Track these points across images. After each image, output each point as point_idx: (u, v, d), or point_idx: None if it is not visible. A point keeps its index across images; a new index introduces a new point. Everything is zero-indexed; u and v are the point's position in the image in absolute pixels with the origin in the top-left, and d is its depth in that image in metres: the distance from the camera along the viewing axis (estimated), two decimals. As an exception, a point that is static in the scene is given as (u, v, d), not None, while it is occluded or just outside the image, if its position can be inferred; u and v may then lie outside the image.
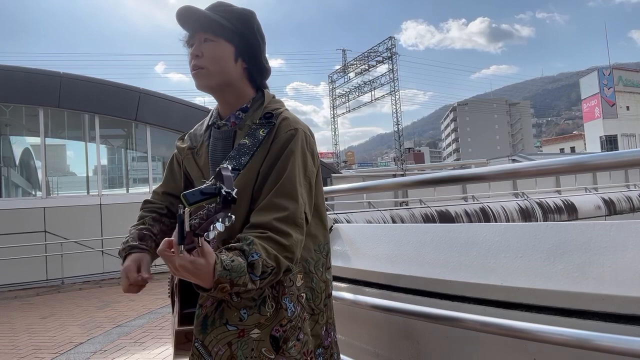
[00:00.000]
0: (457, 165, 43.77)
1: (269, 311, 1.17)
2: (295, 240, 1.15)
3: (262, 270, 1.06)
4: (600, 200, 16.93)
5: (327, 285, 1.34)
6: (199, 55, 1.27)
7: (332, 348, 1.33)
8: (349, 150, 63.16)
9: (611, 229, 1.23)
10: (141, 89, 14.20)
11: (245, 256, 1.05)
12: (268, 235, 1.12)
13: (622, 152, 1.23)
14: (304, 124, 1.30)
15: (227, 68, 1.29)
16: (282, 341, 1.17)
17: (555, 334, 1.09)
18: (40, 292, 10.43)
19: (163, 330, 6.20)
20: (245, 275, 1.03)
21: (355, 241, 2.09)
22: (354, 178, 20.40)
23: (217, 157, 1.31)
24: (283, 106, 1.36)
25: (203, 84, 1.30)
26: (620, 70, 60.82)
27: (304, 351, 1.21)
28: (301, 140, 1.25)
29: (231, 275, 1.01)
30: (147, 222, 1.40)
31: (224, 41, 1.28)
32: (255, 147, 1.24)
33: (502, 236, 1.47)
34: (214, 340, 1.15)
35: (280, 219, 1.15)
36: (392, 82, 29.70)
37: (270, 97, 1.37)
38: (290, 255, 1.14)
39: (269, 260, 1.08)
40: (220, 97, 1.35)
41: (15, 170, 15.84)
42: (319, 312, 1.29)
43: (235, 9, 1.31)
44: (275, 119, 1.28)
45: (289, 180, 1.19)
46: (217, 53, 1.27)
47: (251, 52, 1.32)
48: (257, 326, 1.16)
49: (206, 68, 1.27)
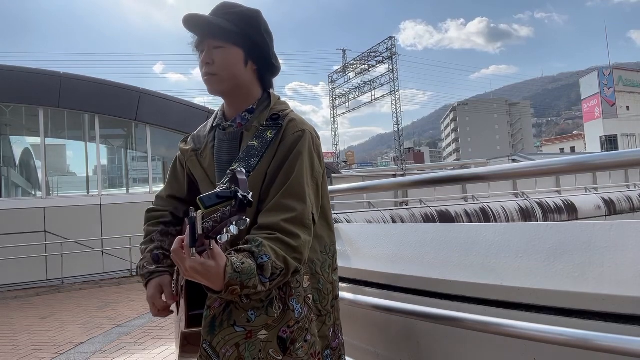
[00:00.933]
0: (457, 165, 43.78)
1: (276, 312, 1.18)
2: (304, 242, 1.16)
3: (271, 272, 1.07)
4: (600, 200, 16.95)
5: (334, 286, 1.35)
6: (209, 62, 1.28)
7: (340, 350, 1.34)
8: (349, 150, 63.18)
9: (611, 229, 1.23)
10: (141, 89, 14.21)
11: (255, 258, 1.06)
12: (277, 236, 1.12)
13: (622, 152, 1.23)
14: (310, 125, 1.31)
15: (239, 72, 1.29)
16: (289, 342, 1.17)
17: (555, 334, 1.09)
18: (40, 292, 10.42)
19: (163, 330, 6.20)
20: (255, 278, 1.04)
21: (355, 241, 2.09)
22: (354, 178, 20.40)
23: (223, 159, 1.31)
24: (288, 107, 1.37)
25: (215, 89, 1.31)
26: (620, 70, 60.83)
27: (311, 352, 1.21)
28: (308, 141, 1.26)
29: (241, 278, 1.01)
30: (156, 239, 1.40)
31: (232, 46, 1.28)
32: (264, 148, 1.24)
33: (502, 236, 1.47)
34: (222, 341, 1.15)
35: (288, 220, 1.15)
36: (392, 82, 29.73)
37: (276, 98, 1.37)
38: (298, 257, 1.14)
39: (278, 262, 1.09)
40: (230, 99, 1.35)
41: (15, 170, 15.85)
42: (326, 314, 1.30)
43: (240, 10, 1.30)
44: (282, 121, 1.28)
45: (296, 182, 1.20)
46: (227, 59, 1.27)
47: (260, 54, 1.32)
48: (265, 327, 1.16)
49: (218, 75, 1.28)
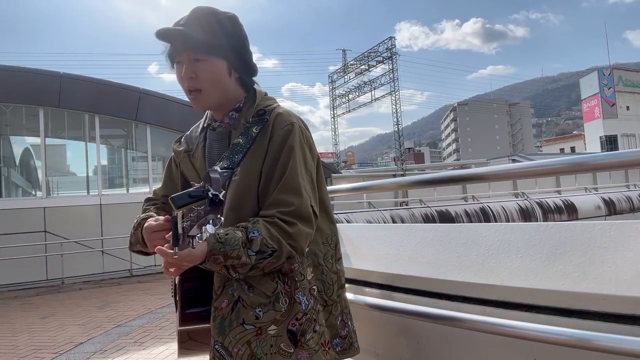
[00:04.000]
0: (457, 165, 43.76)
1: (284, 307, 1.19)
2: (300, 231, 1.17)
3: (260, 249, 1.09)
4: (600, 200, 16.94)
5: (339, 276, 1.36)
6: (193, 77, 1.24)
7: (352, 337, 1.35)
8: (349, 150, 63.18)
9: (611, 229, 1.23)
10: (141, 89, 14.21)
11: (247, 232, 1.09)
12: (274, 220, 1.15)
13: (622, 152, 1.23)
14: (297, 117, 1.30)
15: (225, 85, 1.28)
16: (299, 334, 1.19)
17: (555, 334, 1.09)
18: (40, 292, 10.42)
19: (163, 330, 6.20)
20: (240, 249, 1.07)
21: (355, 241, 2.08)
22: (354, 178, 20.40)
23: (214, 158, 1.32)
24: (275, 102, 1.36)
25: (204, 106, 1.31)
26: (620, 70, 60.79)
27: (321, 342, 1.23)
28: (298, 135, 1.26)
29: (225, 248, 1.05)
30: (153, 212, 1.41)
31: (215, 58, 1.25)
32: (248, 144, 1.25)
33: (502, 236, 1.47)
34: (233, 340, 1.17)
35: (285, 212, 1.17)
36: (392, 82, 29.75)
37: (262, 94, 1.37)
38: (293, 244, 1.15)
39: (270, 241, 1.11)
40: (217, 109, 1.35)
41: (16, 170, 15.84)
42: (332, 304, 1.31)
43: (218, 18, 1.26)
44: (267, 115, 1.28)
45: (291, 176, 1.21)
46: (212, 73, 1.25)
47: (242, 61, 1.31)
48: (274, 322, 1.18)
49: (205, 90, 1.26)
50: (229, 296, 1.20)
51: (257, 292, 1.19)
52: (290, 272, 1.22)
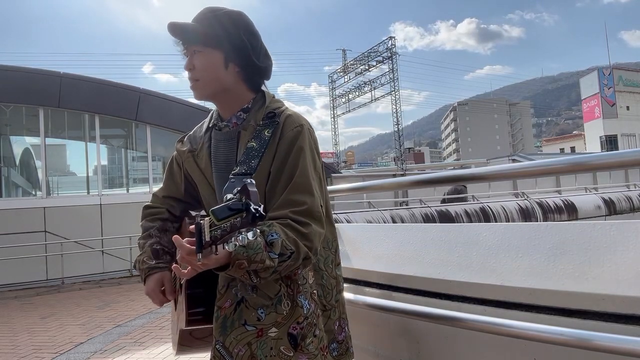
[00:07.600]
0: (457, 165, 43.76)
1: (285, 309, 1.19)
2: (314, 230, 1.17)
3: (281, 251, 1.08)
4: (600, 200, 16.93)
5: (338, 281, 1.37)
6: (191, 68, 1.29)
7: (347, 342, 1.36)
8: (349, 150, 63.16)
9: (611, 229, 1.23)
10: (141, 89, 14.21)
11: (265, 236, 1.07)
12: (288, 222, 1.14)
13: (622, 152, 1.23)
14: (306, 120, 1.31)
15: (219, 75, 1.29)
16: (300, 338, 1.19)
17: (555, 334, 1.09)
18: (40, 292, 10.42)
19: (163, 330, 6.20)
20: (263, 252, 1.04)
21: (355, 241, 2.08)
22: (354, 178, 20.40)
23: (220, 159, 1.32)
24: (283, 105, 1.37)
25: (200, 94, 1.33)
26: (620, 70, 60.80)
27: (320, 346, 1.23)
28: (307, 137, 1.27)
29: (248, 252, 1.02)
30: (154, 235, 1.41)
31: (211, 49, 1.28)
32: (262, 148, 1.24)
33: (502, 236, 1.47)
34: (234, 341, 1.17)
35: (297, 212, 1.16)
36: (392, 81, 29.75)
37: (271, 96, 1.37)
38: (309, 244, 1.15)
39: (289, 243, 1.10)
40: (219, 102, 1.36)
41: (16, 170, 15.84)
42: (330, 308, 1.32)
43: (220, 13, 1.29)
44: (278, 118, 1.28)
45: (302, 177, 1.21)
46: (206, 63, 1.28)
47: (242, 55, 1.31)
48: (275, 325, 1.18)
49: (200, 80, 1.29)
50: (233, 296, 1.20)
51: (261, 293, 1.19)
52: (294, 275, 1.22)
